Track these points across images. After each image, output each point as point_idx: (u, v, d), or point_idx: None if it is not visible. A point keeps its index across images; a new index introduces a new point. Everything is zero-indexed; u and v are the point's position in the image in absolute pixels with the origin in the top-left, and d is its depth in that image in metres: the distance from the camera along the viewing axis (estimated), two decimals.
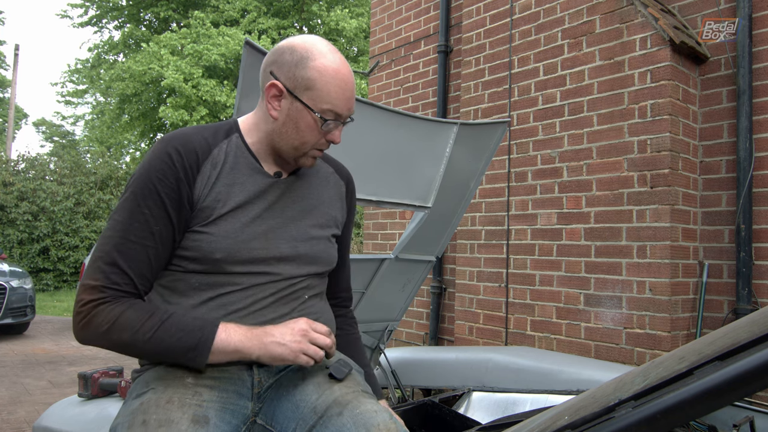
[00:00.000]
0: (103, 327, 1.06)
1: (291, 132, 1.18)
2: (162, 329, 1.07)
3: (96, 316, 1.06)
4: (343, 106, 1.18)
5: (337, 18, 17.16)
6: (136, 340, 1.06)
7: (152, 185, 1.11)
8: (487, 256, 3.96)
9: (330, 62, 1.16)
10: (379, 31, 5.58)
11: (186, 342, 1.07)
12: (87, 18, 19.31)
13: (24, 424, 3.88)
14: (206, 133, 1.20)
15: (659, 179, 3.11)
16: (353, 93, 1.20)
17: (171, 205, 1.11)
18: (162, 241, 1.12)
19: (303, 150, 1.20)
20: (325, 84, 1.15)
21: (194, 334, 1.07)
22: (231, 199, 1.17)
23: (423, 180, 2.27)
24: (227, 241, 1.14)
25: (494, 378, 2.29)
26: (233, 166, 1.19)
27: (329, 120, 1.17)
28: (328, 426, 1.08)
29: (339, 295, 1.46)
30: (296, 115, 1.17)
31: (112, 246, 1.09)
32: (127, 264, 1.09)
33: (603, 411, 0.68)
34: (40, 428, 1.90)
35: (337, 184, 1.37)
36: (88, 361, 6.13)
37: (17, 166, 14.47)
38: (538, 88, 3.74)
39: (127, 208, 1.11)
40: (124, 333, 1.06)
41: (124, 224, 1.10)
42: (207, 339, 1.07)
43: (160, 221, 1.11)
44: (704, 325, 3.19)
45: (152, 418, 1.03)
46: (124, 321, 1.06)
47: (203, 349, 1.07)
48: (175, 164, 1.12)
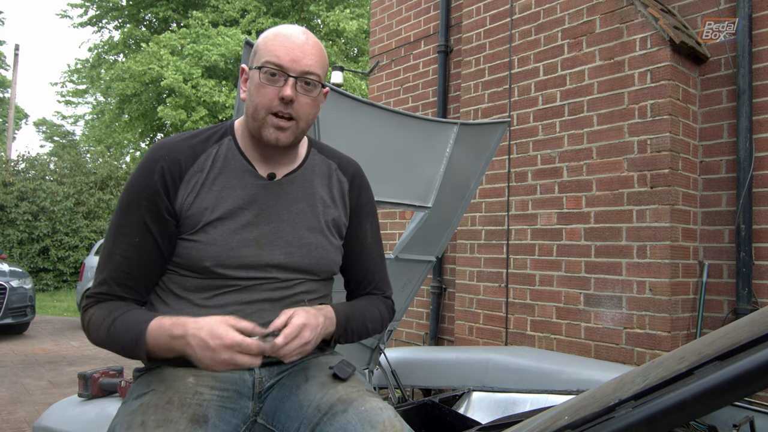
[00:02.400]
0: (87, 327, 1.15)
1: (248, 101, 1.18)
2: (113, 327, 1.10)
3: (84, 319, 1.16)
4: (283, 56, 1.13)
5: (337, 18, 17.14)
6: (101, 337, 1.12)
7: (132, 198, 1.16)
8: (487, 256, 3.96)
9: (276, 28, 1.18)
10: (379, 31, 5.58)
11: (127, 340, 1.09)
12: (87, 18, 19.31)
13: (24, 424, 3.87)
14: (196, 139, 1.20)
15: (659, 179, 3.11)
16: (303, 49, 1.15)
17: (150, 217, 1.14)
18: (143, 251, 1.15)
19: (258, 116, 1.15)
20: (266, 43, 1.16)
21: (131, 331, 1.09)
22: (219, 206, 1.16)
23: (423, 180, 2.27)
24: (215, 249, 1.14)
25: (494, 378, 2.29)
26: (222, 170, 1.18)
27: (272, 71, 1.13)
28: (333, 423, 1.07)
29: (371, 291, 1.37)
30: (250, 84, 1.17)
31: (103, 257, 1.18)
32: (109, 275, 1.15)
33: (603, 411, 0.68)
34: (40, 428, 1.90)
35: (339, 181, 1.31)
36: (88, 361, 6.13)
37: (17, 166, 14.47)
38: (538, 88, 3.74)
39: (114, 221, 1.18)
40: (93, 332, 1.13)
41: (112, 237, 1.17)
42: (140, 338, 1.07)
43: (139, 233, 1.15)
44: (704, 325, 3.19)
45: (151, 419, 1.03)
46: (94, 321, 1.13)
47: (140, 346, 1.07)
48: (154, 177, 1.14)
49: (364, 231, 1.35)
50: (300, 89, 1.14)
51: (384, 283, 1.40)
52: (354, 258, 1.34)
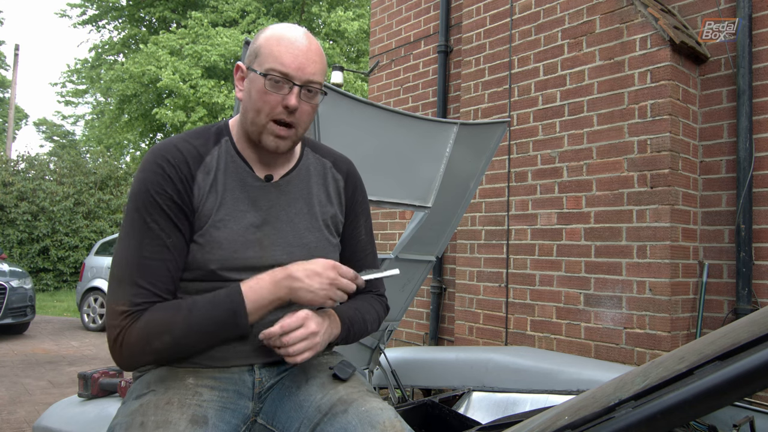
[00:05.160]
0: (142, 342, 1.06)
1: (248, 104, 1.16)
2: (193, 316, 1.07)
3: (130, 337, 1.06)
4: (289, 63, 1.12)
5: (338, 19, 17.14)
6: (176, 337, 1.06)
7: (152, 199, 1.11)
8: (487, 256, 3.96)
9: (279, 30, 1.15)
10: (379, 31, 5.58)
11: (220, 317, 1.07)
12: (86, 18, 19.31)
13: (24, 424, 3.87)
14: (195, 141, 1.19)
15: (659, 179, 3.11)
16: (307, 56, 1.14)
17: (175, 216, 1.12)
18: (177, 251, 1.12)
19: (259, 122, 1.14)
20: (269, 46, 1.13)
21: (223, 305, 1.08)
22: (223, 208, 1.16)
23: (423, 180, 2.27)
24: (220, 252, 1.14)
25: (494, 378, 2.29)
26: (224, 172, 1.18)
27: (277, 79, 1.12)
28: (333, 423, 1.07)
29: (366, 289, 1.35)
30: (250, 86, 1.15)
31: (132, 267, 1.09)
32: (148, 282, 1.09)
33: (603, 411, 0.68)
34: (40, 428, 1.90)
35: (335, 179, 1.32)
36: (88, 361, 6.13)
37: (17, 165, 14.47)
38: (538, 88, 3.74)
39: (135, 227, 1.11)
40: (163, 336, 1.06)
41: (137, 243, 1.10)
42: (238, 304, 1.08)
43: (171, 233, 1.11)
44: (704, 325, 3.19)
45: (150, 419, 1.03)
46: (155, 326, 1.06)
47: (240, 314, 1.08)
48: (169, 175, 1.12)
49: (359, 228, 1.36)
50: (303, 96, 1.15)
51: (378, 281, 1.40)
52: (349, 255, 1.34)
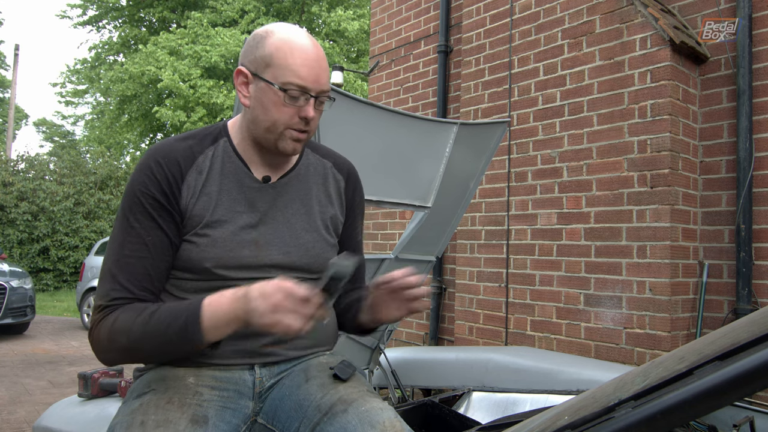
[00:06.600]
0: (106, 340, 1.07)
1: (260, 114, 1.15)
2: (150, 323, 1.05)
3: (99, 333, 1.08)
4: (306, 76, 1.12)
5: (338, 19, 17.14)
6: (133, 340, 1.05)
7: (137, 199, 1.13)
8: (487, 256, 3.96)
9: (286, 35, 1.14)
10: (379, 31, 5.58)
11: (173, 326, 1.04)
12: (86, 18, 19.31)
13: (24, 424, 3.88)
14: (192, 141, 1.20)
15: (659, 179, 3.11)
16: (320, 66, 1.15)
17: (158, 215, 1.12)
18: (157, 250, 1.12)
19: (276, 131, 1.15)
20: (283, 57, 1.12)
21: (180, 316, 1.04)
22: (219, 208, 1.16)
23: (423, 180, 2.27)
24: (215, 251, 1.14)
25: (494, 378, 2.29)
26: (220, 172, 1.18)
27: (295, 94, 1.13)
28: (333, 423, 1.07)
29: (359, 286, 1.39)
30: (262, 96, 1.14)
31: (111, 263, 1.12)
32: (126, 278, 1.10)
33: (603, 411, 0.68)
34: (40, 428, 1.90)
35: (335, 179, 1.33)
36: (88, 361, 6.13)
37: (17, 165, 14.47)
38: (538, 88, 3.74)
39: (119, 225, 1.14)
40: (121, 337, 1.05)
41: (119, 241, 1.13)
42: (194, 316, 1.03)
43: (151, 231, 1.12)
44: (704, 325, 3.19)
45: (151, 419, 1.03)
46: (118, 326, 1.06)
47: (192, 328, 1.03)
48: (156, 176, 1.13)
49: (357, 228, 1.39)
50: (316, 105, 1.17)
51: (365, 281, 1.46)
52: None
